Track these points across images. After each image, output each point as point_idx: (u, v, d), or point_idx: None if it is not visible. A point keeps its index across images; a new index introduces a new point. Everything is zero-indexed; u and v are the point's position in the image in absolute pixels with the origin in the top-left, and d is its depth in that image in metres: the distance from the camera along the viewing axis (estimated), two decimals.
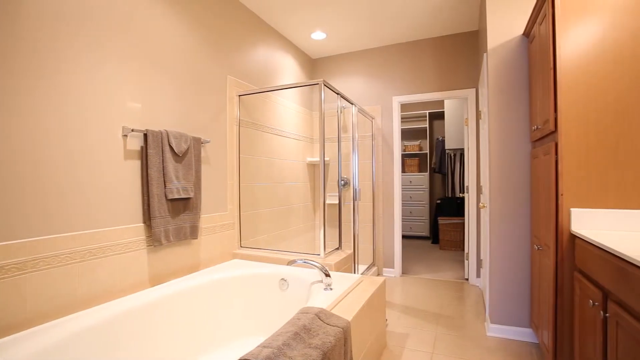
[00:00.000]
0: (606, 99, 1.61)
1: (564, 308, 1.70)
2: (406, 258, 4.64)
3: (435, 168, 5.90)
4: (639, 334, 1.04)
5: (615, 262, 1.20)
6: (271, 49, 3.32)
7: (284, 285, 2.17)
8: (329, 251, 2.62)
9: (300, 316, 1.41)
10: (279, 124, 3.38)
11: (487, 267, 2.51)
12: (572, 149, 1.66)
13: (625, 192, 1.59)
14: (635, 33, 1.55)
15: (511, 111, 2.32)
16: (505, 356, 2.09)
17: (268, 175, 3.18)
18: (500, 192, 2.34)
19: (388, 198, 3.83)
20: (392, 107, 3.81)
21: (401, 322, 2.62)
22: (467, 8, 3.05)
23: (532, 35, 2.11)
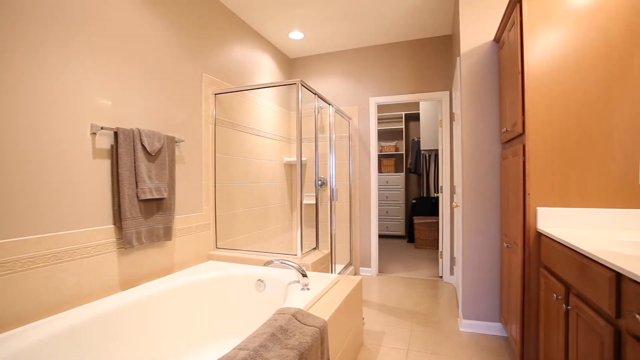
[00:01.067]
0: (568, 104, 1.69)
1: (530, 302, 1.78)
2: (383, 257, 4.71)
3: (411, 168, 6.02)
4: (596, 324, 1.11)
5: (575, 257, 1.27)
6: (249, 47, 3.28)
7: (261, 286, 2.15)
8: (306, 251, 2.62)
9: (276, 317, 1.40)
10: (256, 123, 3.34)
11: (459, 264, 2.59)
12: (538, 151, 1.74)
13: (586, 192, 1.68)
14: (595, 43, 1.65)
15: (483, 114, 2.40)
16: (477, 350, 2.17)
17: (245, 175, 3.14)
18: (472, 192, 2.42)
19: (365, 198, 3.87)
20: (369, 108, 3.86)
21: (378, 320, 2.65)
22: (442, 13, 3.13)
23: (502, 42, 2.20)
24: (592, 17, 1.65)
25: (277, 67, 3.88)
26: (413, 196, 6.25)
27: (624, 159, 1.62)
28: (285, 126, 3.99)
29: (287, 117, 4.05)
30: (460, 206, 2.52)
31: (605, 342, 1.05)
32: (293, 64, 4.21)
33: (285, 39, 3.67)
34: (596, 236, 1.45)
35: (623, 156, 1.62)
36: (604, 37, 1.64)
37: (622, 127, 1.62)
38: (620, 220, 1.62)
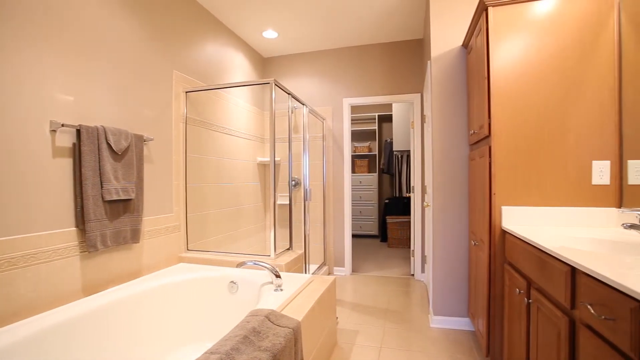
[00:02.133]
0: (530, 108, 1.79)
1: (496, 297, 1.86)
2: (356, 256, 4.76)
3: (384, 169, 6.13)
4: (554, 315, 1.17)
5: (535, 253, 1.34)
6: (221, 45, 3.22)
7: (234, 288, 2.12)
8: (279, 252, 2.60)
9: (249, 319, 1.38)
10: (228, 122, 3.29)
11: (430, 262, 2.66)
12: (503, 153, 1.83)
13: (546, 191, 1.78)
14: (553, 51, 1.75)
15: (452, 116, 2.48)
16: (447, 345, 2.24)
17: (217, 175, 3.08)
18: (442, 192, 2.50)
19: (338, 198, 3.90)
20: (342, 109, 3.89)
21: (351, 319, 2.68)
22: (414, 17, 3.21)
23: (470, 47, 2.28)
24: (549, 27, 1.75)
25: (251, 66, 3.83)
26: (386, 196, 6.37)
27: (579, 161, 1.73)
28: (258, 126, 3.95)
29: (260, 117, 4.01)
30: (430, 206, 2.59)
31: (562, 332, 1.12)
32: (267, 63, 4.18)
33: (259, 38, 3.63)
34: (554, 233, 1.54)
35: (578, 158, 1.73)
36: (560, 47, 1.74)
37: (577, 131, 1.72)
38: (576, 218, 1.72)
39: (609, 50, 1.68)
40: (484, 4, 1.84)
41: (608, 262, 0.98)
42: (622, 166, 1.66)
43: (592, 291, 0.94)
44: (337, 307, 2.92)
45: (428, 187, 2.80)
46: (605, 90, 1.69)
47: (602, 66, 1.69)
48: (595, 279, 0.93)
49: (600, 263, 0.97)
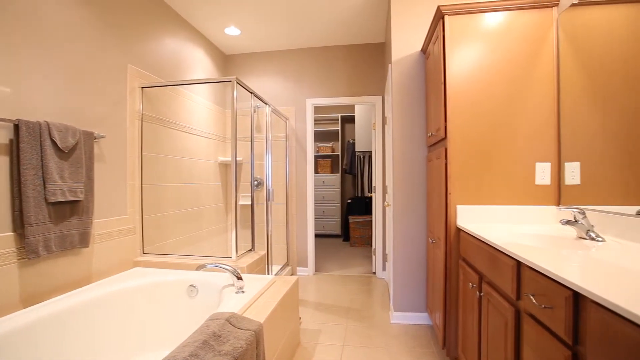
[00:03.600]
0: (483, 113, 1.90)
1: (451, 292, 1.96)
2: (319, 256, 4.79)
3: (347, 169, 6.22)
4: (502, 306, 1.26)
5: (486, 249, 1.43)
6: (181, 40, 3.10)
7: (193, 292, 2.05)
8: (241, 253, 2.55)
9: (209, 323, 1.35)
10: (188, 120, 3.17)
11: (391, 260, 2.74)
12: (457, 154, 1.93)
13: (496, 191, 1.90)
14: (503, 60, 1.87)
15: (411, 118, 2.57)
16: (406, 339, 2.32)
17: (176, 175, 2.95)
18: (402, 192, 2.58)
19: (301, 198, 3.90)
20: (305, 109, 3.90)
21: (314, 318, 2.69)
22: (376, 21, 3.29)
23: (428, 53, 2.38)
24: (499, 38, 1.88)
25: (212, 63, 3.72)
26: (348, 196, 6.47)
27: (524, 163, 1.86)
28: (220, 125, 3.85)
29: (222, 116, 3.91)
30: (391, 205, 2.67)
31: (509, 321, 1.20)
32: (229, 60, 4.08)
33: (220, 34, 3.54)
34: (503, 230, 1.65)
35: (524, 160, 1.86)
36: (509, 56, 1.87)
37: (523, 135, 1.86)
38: (522, 215, 1.86)
39: (550, 62, 1.83)
40: (441, 12, 1.93)
41: (548, 255, 1.07)
42: (560, 168, 1.82)
43: (534, 283, 1.02)
44: (300, 307, 2.92)
45: (389, 187, 2.89)
46: (547, 98, 1.83)
47: (544, 76, 1.84)
48: (536, 271, 1.01)
49: (541, 257, 1.05)
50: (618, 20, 1.39)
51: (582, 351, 0.82)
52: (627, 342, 0.65)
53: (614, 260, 1.01)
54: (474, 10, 1.89)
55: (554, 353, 0.91)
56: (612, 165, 1.43)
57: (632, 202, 1.32)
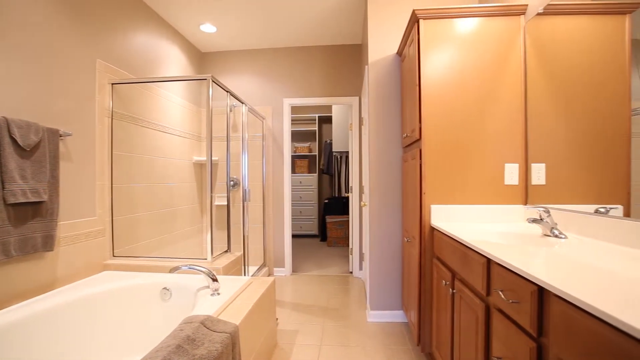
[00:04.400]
0: (455, 115, 1.96)
1: (425, 290, 2.00)
2: (296, 257, 4.78)
3: (324, 169, 6.24)
4: (473, 302, 1.30)
5: (459, 247, 1.48)
6: (155, 36, 3.00)
7: (167, 295, 1.99)
8: (217, 254, 2.51)
9: (183, 327, 1.31)
10: (162, 119, 3.08)
11: (367, 260, 2.77)
12: (432, 155, 1.98)
13: (467, 191, 1.96)
14: (474, 65, 1.94)
15: (387, 119, 2.61)
16: (382, 337, 2.35)
17: (149, 175, 2.86)
18: (378, 192, 2.62)
19: (278, 198, 3.88)
20: (282, 109, 3.88)
21: (292, 319, 2.68)
22: (353, 23, 3.32)
23: (404, 55, 2.43)
24: (471, 43, 1.94)
25: (187, 61, 3.64)
26: (326, 196, 6.49)
27: (494, 164, 1.94)
28: (195, 123, 3.77)
29: (197, 114, 3.82)
30: (367, 205, 2.71)
31: (479, 316, 1.24)
32: (205, 58, 4.00)
33: (196, 31, 3.46)
34: (475, 228, 1.70)
35: (494, 161, 1.94)
36: (480, 60, 1.94)
37: (493, 137, 1.93)
38: (492, 214, 1.93)
39: (518, 67, 1.91)
40: (416, 16, 1.98)
41: (515, 252, 1.12)
42: (527, 168, 1.90)
43: (503, 279, 1.06)
44: (277, 308, 2.91)
45: (365, 187, 2.92)
46: (515, 102, 1.91)
47: (512, 80, 1.92)
48: (505, 268, 1.05)
49: (509, 254, 1.10)
50: (579, 30, 1.48)
51: (545, 342, 0.86)
52: (585, 331, 0.69)
53: (574, 256, 1.07)
54: (447, 15, 1.95)
55: (520, 345, 0.95)
56: (574, 167, 1.51)
57: (591, 201, 1.40)
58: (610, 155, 1.30)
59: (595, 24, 1.38)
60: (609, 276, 0.84)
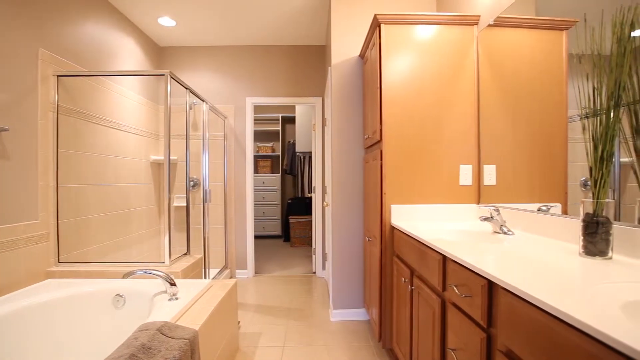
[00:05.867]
0: (414, 118, 2.03)
1: (386, 287, 2.06)
2: (259, 258, 4.72)
3: (287, 169, 6.22)
4: (430, 297, 1.36)
5: (417, 245, 1.53)
6: (107, 27, 2.82)
7: (120, 302, 1.88)
8: (175, 257, 2.41)
9: (138, 334, 1.25)
10: (116, 115, 2.90)
11: (330, 259, 2.80)
12: (392, 156, 2.04)
13: (425, 191, 2.04)
14: (432, 70, 2.02)
15: (349, 120, 2.66)
16: (345, 335, 2.38)
17: (100, 174, 2.69)
18: (340, 192, 2.65)
19: (240, 199, 3.81)
20: (245, 108, 3.81)
21: (254, 321, 2.64)
22: (317, 24, 3.34)
23: (366, 58, 2.48)
24: (430, 49, 2.03)
25: (144, 55, 3.46)
26: (289, 196, 6.46)
27: (450, 165, 2.04)
28: (152, 121, 3.59)
29: (154, 111, 3.65)
30: (330, 205, 2.73)
31: (436, 311, 1.30)
32: (163, 53, 3.83)
33: (153, 24, 3.31)
34: (432, 227, 1.78)
35: (450, 162, 2.04)
36: (438, 66, 2.03)
37: (449, 139, 2.03)
38: (449, 213, 2.03)
39: (472, 74, 2.02)
40: (377, 20, 2.03)
41: (468, 249, 1.18)
42: (480, 170, 2.02)
43: (457, 274, 1.12)
44: (240, 311, 2.85)
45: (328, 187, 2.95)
46: (469, 106, 2.03)
47: (467, 86, 2.03)
48: (458, 264, 1.11)
49: (462, 250, 1.16)
50: (524, 42, 1.59)
51: (494, 332, 0.92)
52: (527, 319, 0.74)
53: (519, 251, 1.15)
54: (407, 22, 2.02)
55: (472, 336, 1.00)
56: (521, 168, 1.63)
57: (536, 200, 1.51)
58: (551, 158, 1.42)
59: (538, 37, 1.50)
60: (547, 268, 0.91)
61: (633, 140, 1.03)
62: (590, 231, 1.03)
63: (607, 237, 1.01)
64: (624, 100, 1.02)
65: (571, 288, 0.75)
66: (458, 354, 1.11)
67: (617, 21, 1.03)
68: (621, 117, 1.03)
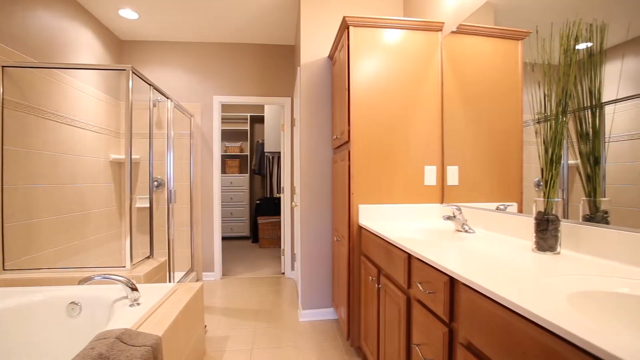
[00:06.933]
0: (381, 119, 2.08)
1: (354, 286, 2.09)
2: (227, 259, 4.62)
3: (256, 170, 6.14)
4: (396, 295, 1.40)
5: (383, 244, 1.57)
6: (62, 16, 2.65)
7: (75, 311, 1.77)
8: (137, 261, 2.31)
9: (94, 344, 1.18)
10: (72, 111, 2.73)
11: (299, 260, 2.80)
12: (359, 157, 2.07)
13: (393, 191, 2.10)
14: (399, 73, 2.08)
15: (318, 121, 2.67)
16: (314, 335, 2.39)
17: (54, 174, 2.51)
18: (309, 192, 2.66)
19: (207, 200, 3.72)
20: (212, 106, 3.72)
21: (221, 325, 2.58)
22: (287, 24, 3.32)
23: (335, 59, 2.50)
24: (397, 52, 2.08)
25: (104, 48, 3.28)
26: (257, 197, 6.38)
27: (416, 166, 2.10)
28: (112, 118, 3.42)
29: (115, 108, 3.47)
30: (298, 205, 2.73)
31: (401, 308, 1.34)
32: (125, 47, 3.65)
33: (114, 16, 3.14)
34: (398, 226, 1.83)
35: (415, 163, 2.10)
36: (404, 70, 2.08)
37: (414, 141, 2.10)
38: (414, 213, 2.09)
39: (436, 78, 2.10)
40: (346, 22, 2.05)
41: (431, 247, 1.23)
42: (444, 170, 2.10)
43: (421, 272, 1.16)
44: (206, 315, 2.78)
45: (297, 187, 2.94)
46: (434, 109, 2.10)
47: (432, 89, 2.10)
48: (422, 261, 1.15)
49: (426, 249, 1.20)
50: (484, 50, 1.68)
51: (455, 327, 0.96)
52: (485, 312, 0.78)
53: (479, 248, 1.21)
54: (376, 25, 2.06)
55: (435, 331, 1.04)
56: (481, 169, 1.71)
57: (494, 200, 1.60)
58: (508, 160, 1.50)
59: (496, 46, 1.58)
60: (503, 264, 0.97)
61: (578, 144, 1.11)
62: (542, 228, 1.10)
63: (556, 233, 1.09)
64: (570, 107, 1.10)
65: (524, 282, 0.80)
66: (422, 349, 1.15)
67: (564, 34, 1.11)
68: (568, 122, 1.12)
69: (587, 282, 0.80)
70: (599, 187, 1.06)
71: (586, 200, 1.10)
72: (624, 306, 0.73)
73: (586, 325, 0.56)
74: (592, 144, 1.07)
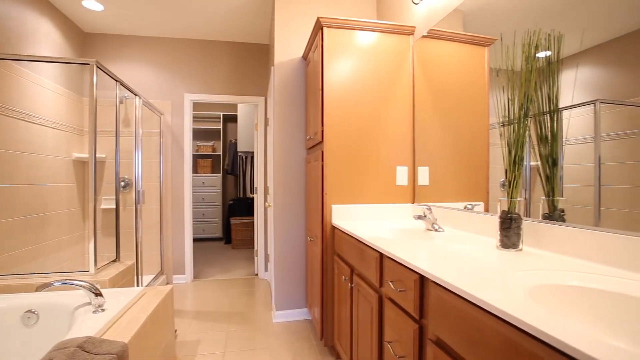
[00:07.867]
0: (354, 119, 2.10)
1: (327, 286, 2.10)
2: (199, 261, 4.51)
3: (228, 169, 6.03)
4: (368, 294, 1.42)
5: (356, 244, 1.59)
6: (17, 3, 2.48)
7: (31, 320, 1.67)
8: (102, 265, 2.21)
9: (53, 354, 1.12)
10: (29, 107, 2.56)
11: (272, 260, 2.77)
12: (332, 157, 2.08)
13: (365, 191, 2.12)
14: (372, 74, 2.11)
15: (292, 121, 2.66)
16: (288, 336, 2.38)
17: (7, 173, 2.35)
18: (282, 192, 2.64)
19: (178, 200, 3.61)
20: (184, 105, 3.62)
21: (192, 329, 2.52)
22: (261, 22, 3.29)
23: (309, 60, 2.50)
24: (370, 55, 2.11)
25: (65, 40, 3.11)
26: (230, 197, 6.28)
27: (388, 166, 2.14)
28: (75, 115, 3.24)
29: (78, 104, 3.30)
30: (272, 206, 2.71)
31: (373, 306, 1.36)
32: (89, 39, 3.48)
33: (76, 6, 2.99)
34: (371, 226, 1.85)
35: (388, 164, 2.14)
36: (377, 72, 2.12)
37: (387, 141, 2.13)
38: (387, 212, 2.13)
39: (408, 81, 2.15)
40: (320, 23, 2.06)
41: (402, 246, 1.26)
42: (415, 171, 2.15)
43: (392, 271, 1.18)
44: (177, 319, 2.70)
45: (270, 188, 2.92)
46: (405, 110, 2.15)
47: (403, 92, 2.15)
48: (394, 260, 1.17)
49: (397, 248, 1.23)
50: (453, 54, 1.74)
51: (425, 323, 0.98)
52: (452, 308, 0.81)
53: (448, 247, 1.25)
54: (349, 27, 2.08)
55: (406, 328, 1.07)
56: (450, 170, 1.77)
57: (463, 199, 1.66)
58: (475, 161, 1.56)
59: (465, 51, 1.64)
60: (470, 262, 1.00)
61: (538, 146, 1.18)
62: (505, 226, 1.16)
63: (519, 231, 1.14)
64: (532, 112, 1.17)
65: (488, 278, 0.84)
66: (394, 346, 1.17)
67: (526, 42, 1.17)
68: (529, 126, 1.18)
69: (546, 276, 0.85)
70: (557, 187, 1.12)
71: (545, 199, 1.16)
72: (579, 298, 0.78)
73: (543, 317, 0.59)
74: (551, 147, 1.13)
